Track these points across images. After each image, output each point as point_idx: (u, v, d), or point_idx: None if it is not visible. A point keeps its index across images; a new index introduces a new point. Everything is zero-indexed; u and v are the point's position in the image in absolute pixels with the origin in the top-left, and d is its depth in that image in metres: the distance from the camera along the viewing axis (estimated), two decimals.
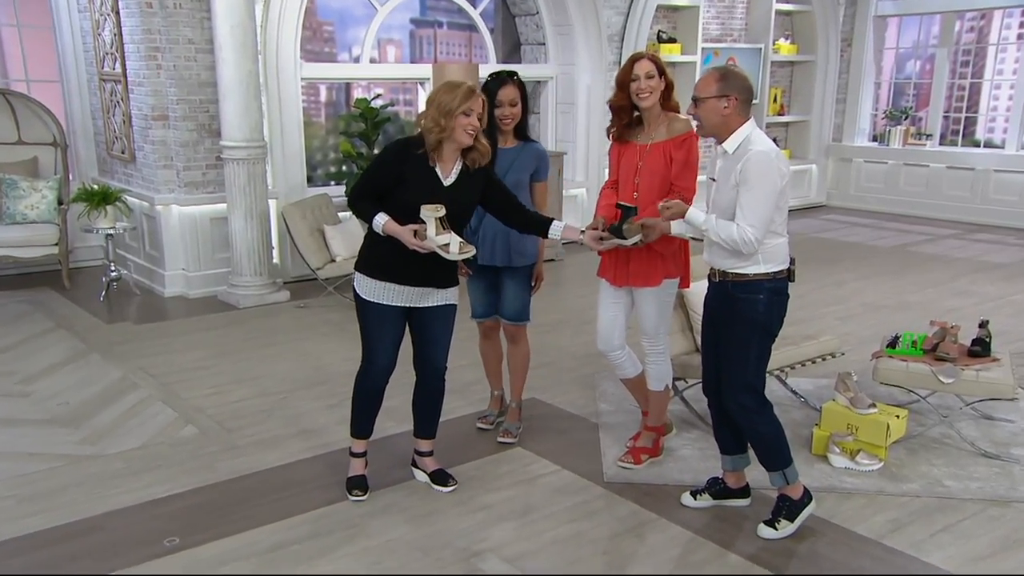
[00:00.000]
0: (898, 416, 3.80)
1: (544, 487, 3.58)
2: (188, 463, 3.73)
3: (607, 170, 3.77)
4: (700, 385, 4.11)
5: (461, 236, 3.23)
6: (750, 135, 3.00)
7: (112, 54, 6.58)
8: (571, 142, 8.42)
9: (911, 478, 3.63)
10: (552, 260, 7.64)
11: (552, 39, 8.35)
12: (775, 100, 10.28)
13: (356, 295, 3.33)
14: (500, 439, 3.91)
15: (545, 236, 3.40)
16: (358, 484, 3.49)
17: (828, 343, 4.24)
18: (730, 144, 3.02)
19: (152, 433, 4.04)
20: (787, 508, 3.21)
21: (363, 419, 3.49)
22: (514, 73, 3.68)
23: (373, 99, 6.90)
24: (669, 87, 3.51)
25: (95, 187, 6.33)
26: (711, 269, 3.15)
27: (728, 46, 9.41)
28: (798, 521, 3.19)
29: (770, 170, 2.92)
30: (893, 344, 4.09)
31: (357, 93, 8.51)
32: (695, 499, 3.42)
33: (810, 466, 3.72)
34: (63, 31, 7.13)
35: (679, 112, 3.58)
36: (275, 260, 6.73)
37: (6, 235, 6.36)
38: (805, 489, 3.24)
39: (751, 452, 3.32)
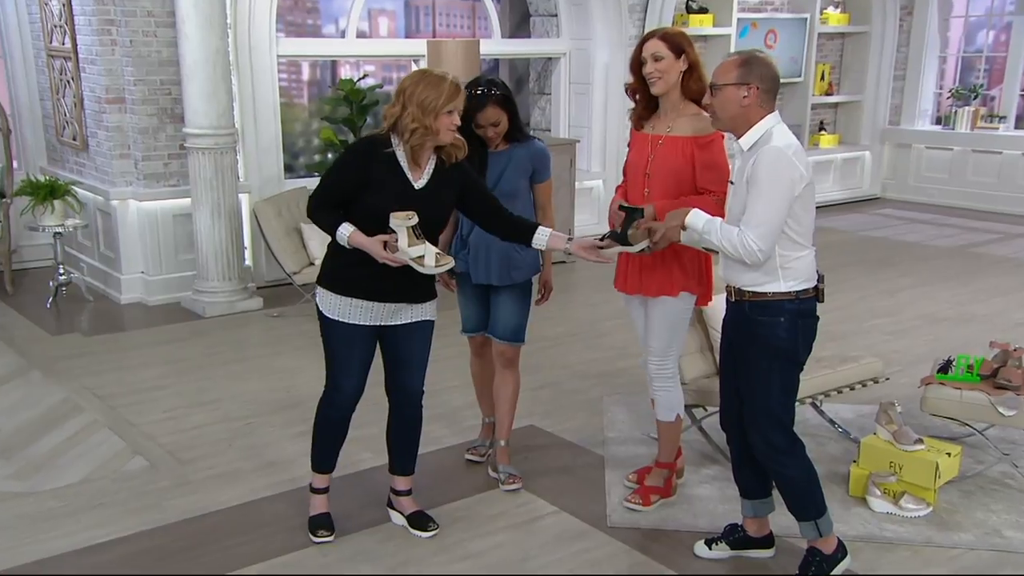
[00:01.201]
0: (950, 453, 3.74)
1: (540, 532, 3.55)
2: (133, 502, 3.73)
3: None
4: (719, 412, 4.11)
5: (437, 245, 3.20)
6: (770, 130, 2.95)
7: (61, 27, 6.61)
8: (586, 127, 8.38)
9: (965, 527, 3.57)
10: (562, 262, 7.61)
11: (565, 10, 8.30)
12: (822, 78, 10.19)
13: (319, 313, 3.31)
14: (505, 488, 3.87)
15: (528, 245, 3.36)
16: (322, 523, 3.47)
17: (870, 366, 4.18)
18: (747, 140, 2.98)
19: (94, 466, 4.03)
20: (818, 563, 3.16)
21: (326, 451, 3.48)
22: (494, 86, 3.58)
23: (360, 79, 6.89)
24: (692, 67, 3.44)
25: (42, 179, 6.36)
26: (727, 286, 3.11)
27: (768, 16, 9.34)
28: None
29: (782, 169, 2.87)
30: (945, 369, 4.03)
31: (344, 71, 8.53)
32: (710, 548, 3.38)
33: (846, 509, 3.67)
34: (4, 0, 7.15)
35: (702, 97, 3.53)
36: (247, 263, 6.73)
37: None
38: (839, 542, 3.19)
39: (775, 495, 3.27)
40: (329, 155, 7.05)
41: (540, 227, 3.35)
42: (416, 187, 3.19)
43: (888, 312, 6.38)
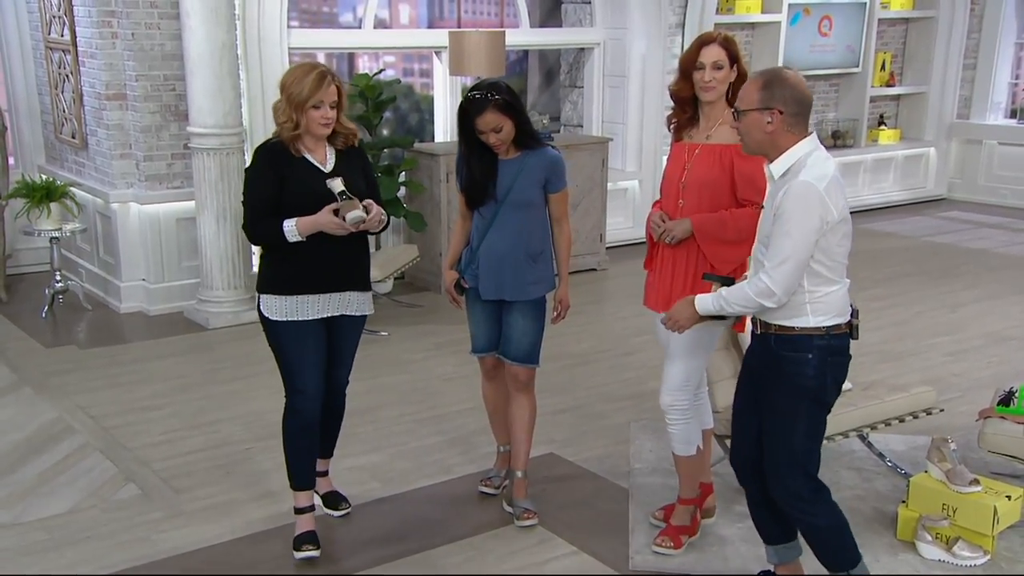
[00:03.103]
0: (1010, 496, 3.66)
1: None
2: (122, 535, 3.77)
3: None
4: None
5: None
6: (803, 158, 2.90)
7: (59, 17, 6.71)
8: (621, 124, 8.34)
9: None
10: (592, 269, 7.59)
11: None
12: (882, 68, 10.05)
13: (264, 320, 3.52)
14: (520, 524, 3.85)
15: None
16: (308, 539, 3.61)
17: (922, 397, 4.11)
18: (778, 167, 2.94)
19: (84, 494, 4.08)
20: None
21: (301, 465, 3.63)
22: (495, 90, 3.58)
23: (377, 73, 6.91)
24: (741, 78, 3.44)
25: (40, 179, 6.46)
26: (752, 317, 3.08)
27: (823, 1, 9.22)
28: None
29: (812, 207, 2.82)
30: (1007, 400, 3.96)
31: (362, 63, 8.56)
32: None
33: (893, 555, 3.62)
34: None
35: None
36: (254, 270, 6.77)
37: None
38: None
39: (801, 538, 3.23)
40: None
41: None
42: (326, 171, 3.46)
43: (949, 330, 6.27)
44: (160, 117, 6.43)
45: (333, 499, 3.90)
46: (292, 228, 3.37)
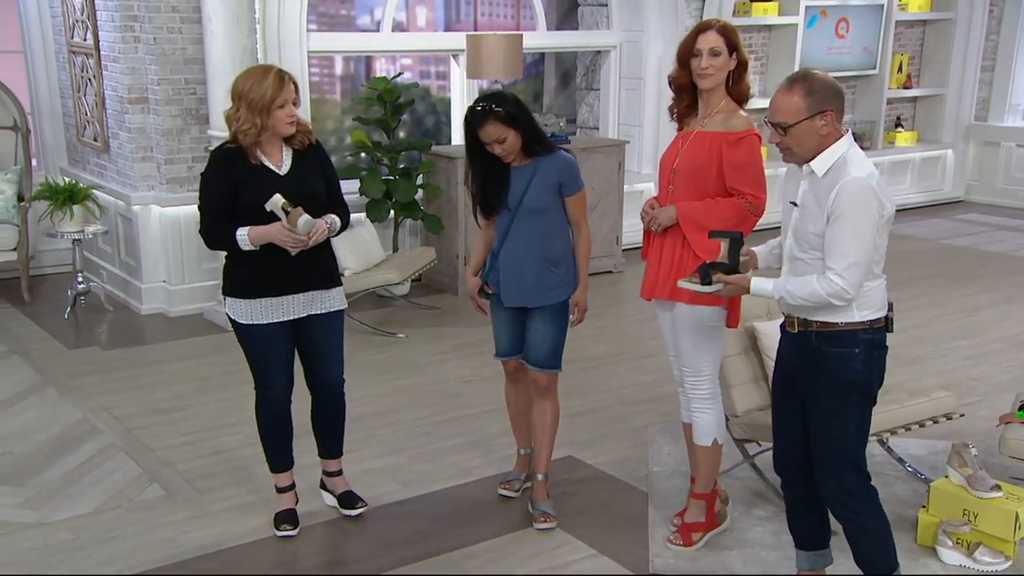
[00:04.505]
0: None
1: None
2: (147, 535, 3.81)
3: None
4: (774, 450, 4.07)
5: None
6: (845, 154, 2.90)
7: (83, 22, 6.77)
8: (637, 126, 8.35)
9: None
10: (609, 272, 7.60)
11: None
12: (900, 69, 10.02)
13: (232, 321, 3.62)
14: (539, 526, 3.87)
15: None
16: (287, 519, 3.80)
17: (942, 401, 4.10)
18: (819, 165, 2.92)
19: (109, 495, 4.12)
20: None
21: (278, 450, 3.81)
22: (497, 101, 3.59)
23: (395, 76, 6.94)
24: (741, 67, 3.48)
25: (62, 181, 6.51)
26: (787, 317, 3.06)
27: (840, 3, 9.21)
28: None
29: (870, 203, 2.83)
30: None
31: (379, 64, 8.59)
32: None
33: (913, 559, 3.61)
34: None
35: (747, 98, 3.55)
36: None
37: None
38: None
39: (833, 543, 3.23)
40: (362, 155, 7.10)
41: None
42: (281, 173, 3.51)
43: (968, 333, 6.25)
44: (181, 120, 6.48)
45: (349, 499, 3.93)
46: (244, 237, 3.44)
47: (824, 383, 2.99)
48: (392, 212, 6.93)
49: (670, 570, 3.59)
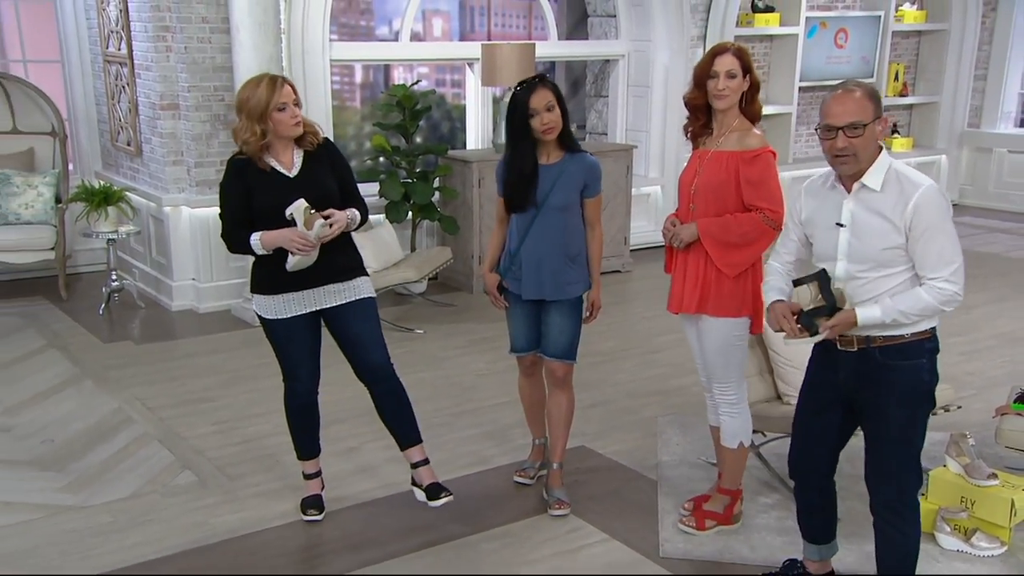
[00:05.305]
0: None
1: (588, 561, 3.56)
2: (181, 518, 3.83)
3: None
4: (779, 439, 4.08)
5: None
6: (892, 164, 2.82)
7: (117, 32, 6.80)
8: (644, 132, 8.34)
9: None
10: (617, 271, 7.60)
11: (625, 10, 8.27)
12: (896, 78, 9.99)
13: (259, 316, 3.65)
14: (553, 512, 3.88)
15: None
16: (313, 504, 3.84)
17: (940, 394, 3.98)
18: (873, 179, 2.81)
19: (144, 480, 4.15)
20: None
21: (305, 439, 3.83)
22: (544, 75, 3.69)
23: (414, 84, 6.95)
24: (754, 88, 3.49)
25: (97, 184, 6.55)
26: (842, 335, 2.91)
27: (839, 14, 9.19)
28: None
29: (947, 206, 2.78)
30: (1023, 399, 3.93)
31: (398, 73, 8.62)
32: None
33: None
34: (64, 4, 7.38)
35: (759, 117, 3.55)
36: None
37: None
38: None
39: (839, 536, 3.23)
40: (381, 159, 7.12)
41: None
42: (291, 176, 3.49)
43: (962, 330, 6.23)
44: (210, 126, 6.50)
45: (433, 490, 3.69)
46: (257, 242, 3.44)
47: (895, 396, 2.86)
48: (410, 213, 6.94)
49: (679, 554, 3.60)
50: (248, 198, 3.46)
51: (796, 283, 2.99)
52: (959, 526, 3.62)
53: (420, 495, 3.73)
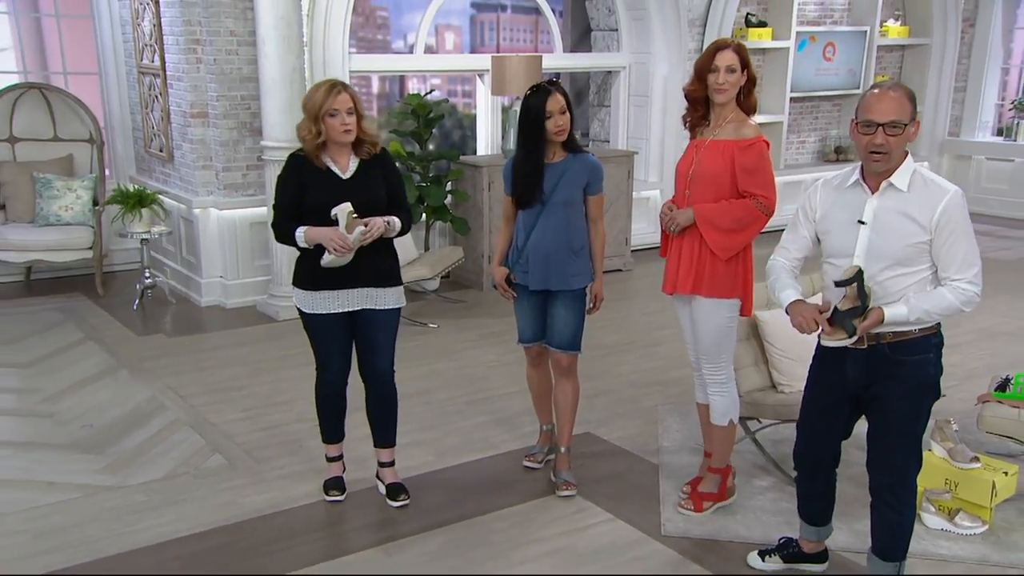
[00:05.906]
0: (1007, 472, 3.64)
1: (593, 540, 3.55)
2: (212, 498, 3.83)
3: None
4: (774, 425, 4.06)
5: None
6: (916, 168, 2.79)
7: (151, 46, 6.81)
8: (644, 139, 8.33)
9: (1021, 546, 3.48)
10: (618, 270, 7.59)
11: (626, 24, 8.27)
12: None
13: (298, 309, 3.63)
14: (561, 494, 3.87)
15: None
16: (335, 485, 3.84)
17: None
18: (900, 179, 2.76)
19: (177, 463, 4.16)
20: None
21: (331, 424, 3.84)
22: (555, 80, 3.72)
23: (428, 94, 6.95)
24: (751, 82, 3.48)
25: (131, 188, 6.56)
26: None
27: (827, 29, 9.17)
28: None
29: (967, 212, 2.76)
30: (1003, 387, 3.93)
31: (412, 83, 8.62)
32: (763, 560, 3.34)
33: None
34: (102, 20, 7.41)
35: (755, 110, 3.55)
36: None
37: (39, 237, 6.64)
38: None
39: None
40: (396, 164, 7.12)
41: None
42: (344, 178, 3.49)
43: (945, 325, 6.15)
44: (237, 133, 6.51)
45: (393, 490, 3.80)
46: (301, 235, 3.43)
47: (903, 389, 2.83)
48: (424, 215, 6.95)
49: (680, 533, 3.59)
50: (301, 193, 3.45)
51: (838, 284, 2.84)
52: (943, 506, 3.61)
53: (382, 488, 3.84)
